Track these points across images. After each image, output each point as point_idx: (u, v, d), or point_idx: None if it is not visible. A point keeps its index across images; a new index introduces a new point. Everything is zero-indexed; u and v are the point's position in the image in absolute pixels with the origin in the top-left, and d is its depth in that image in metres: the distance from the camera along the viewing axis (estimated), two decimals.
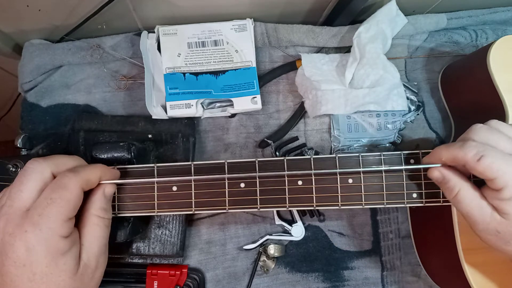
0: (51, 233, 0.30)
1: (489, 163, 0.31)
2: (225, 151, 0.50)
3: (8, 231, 0.30)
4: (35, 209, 0.31)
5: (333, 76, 0.49)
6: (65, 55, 0.50)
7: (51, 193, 0.31)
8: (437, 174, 0.35)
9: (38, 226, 0.30)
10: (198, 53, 0.48)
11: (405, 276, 0.50)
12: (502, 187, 0.31)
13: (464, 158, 0.32)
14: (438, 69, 0.52)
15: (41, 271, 0.30)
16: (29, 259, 0.30)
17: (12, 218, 0.30)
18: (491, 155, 0.31)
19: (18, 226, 0.30)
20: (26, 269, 0.30)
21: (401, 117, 0.49)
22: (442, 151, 0.35)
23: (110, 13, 0.46)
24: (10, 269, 0.30)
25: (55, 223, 0.30)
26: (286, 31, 0.51)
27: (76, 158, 0.36)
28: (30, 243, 0.30)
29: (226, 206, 0.38)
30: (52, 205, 0.31)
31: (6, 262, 0.30)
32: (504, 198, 0.31)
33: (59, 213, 0.31)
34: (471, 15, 0.53)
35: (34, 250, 0.30)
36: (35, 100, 0.50)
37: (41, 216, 0.30)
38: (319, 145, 0.50)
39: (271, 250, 0.47)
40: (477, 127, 0.34)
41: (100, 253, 0.35)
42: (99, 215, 0.35)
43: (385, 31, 0.47)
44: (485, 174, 0.31)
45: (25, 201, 0.31)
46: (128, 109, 0.50)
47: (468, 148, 0.32)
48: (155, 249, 0.45)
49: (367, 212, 0.50)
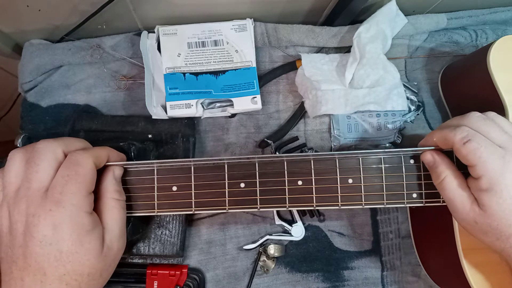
0: (75, 209, 0.31)
1: (473, 148, 0.32)
2: (225, 151, 0.50)
3: (31, 212, 0.30)
4: (55, 187, 0.31)
5: (333, 76, 0.49)
6: (65, 55, 0.50)
7: (66, 170, 0.31)
8: (429, 157, 0.36)
9: (61, 204, 0.30)
10: (198, 53, 0.48)
11: (405, 276, 0.50)
12: (481, 175, 0.32)
13: (452, 139, 0.33)
14: (438, 69, 0.52)
15: (68, 249, 0.30)
16: (55, 237, 0.30)
17: (32, 199, 0.30)
18: (477, 141, 0.32)
19: (40, 206, 0.30)
20: (53, 247, 0.30)
21: (401, 117, 0.49)
22: (435, 132, 0.36)
23: (110, 13, 0.46)
24: (35, 249, 0.30)
25: (77, 199, 0.31)
26: (286, 31, 0.51)
27: (83, 140, 0.37)
28: (57, 220, 0.30)
29: (226, 206, 0.38)
30: (70, 182, 0.31)
31: (30, 243, 0.30)
32: (482, 188, 0.32)
33: (78, 188, 0.31)
34: (471, 15, 0.53)
35: (60, 227, 0.30)
36: (35, 100, 0.50)
37: (62, 193, 0.30)
38: (319, 145, 0.50)
39: (271, 250, 0.47)
40: (473, 114, 0.35)
41: (120, 235, 0.35)
42: (115, 197, 0.35)
43: (385, 31, 0.47)
44: (467, 158, 0.32)
45: (43, 181, 0.31)
46: (128, 109, 0.50)
47: (459, 131, 0.33)
48: (155, 249, 0.45)
49: (367, 212, 0.50)
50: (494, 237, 0.32)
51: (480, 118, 0.34)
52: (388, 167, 0.38)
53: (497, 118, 0.34)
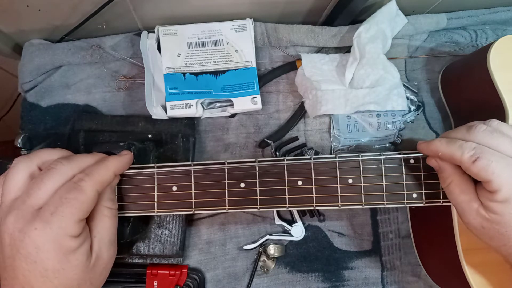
0: (62, 232, 0.30)
1: (484, 165, 0.31)
2: (225, 151, 0.50)
3: (18, 227, 0.30)
4: (48, 206, 0.30)
5: (333, 76, 0.49)
6: (65, 55, 0.50)
7: (66, 193, 0.31)
8: (434, 162, 0.36)
9: (48, 225, 0.30)
10: (198, 53, 0.48)
11: (405, 276, 0.50)
12: (496, 190, 0.31)
13: (460, 159, 0.32)
14: (438, 69, 0.52)
15: (53, 267, 0.30)
16: (39, 256, 0.30)
17: (23, 214, 0.30)
18: (487, 158, 0.31)
19: (28, 222, 0.30)
20: (38, 265, 0.30)
21: (401, 117, 0.49)
22: (441, 146, 0.34)
23: (110, 13, 0.46)
24: (21, 264, 0.30)
25: (67, 223, 0.30)
26: (286, 31, 0.51)
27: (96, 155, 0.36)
28: (39, 241, 0.30)
29: (226, 206, 0.38)
30: (66, 205, 0.30)
31: (17, 257, 0.30)
32: (497, 200, 0.31)
33: (72, 213, 0.31)
34: (471, 15, 0.53)
35: (43, 248, 0.30)
36: (35, 100, 0.50)
37: (53, 214, 0.30)
38: (319, 145, 0.50)
39: (271, 250, 0.47)
40: (479, 128, 0.33)
41: (110, 244, 0.35)
42: (108, 206, 0.35)
43: (385, 31, 0.47)
44: (480, 175, 0.31)
45: (40, 199, 0.31)
46: (128, 109, 0.50)
47: (466, 149, 0.32)
48: (155, 249, 0.45)
49: (367, 212, 0.50)
50: (500, 243, 0.32)
51: (486, 133, 0.33)
52: (388, 167, 0.38)
53: (502, 127, 0.33)
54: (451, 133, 0.36)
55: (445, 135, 0.36)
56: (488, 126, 0.33)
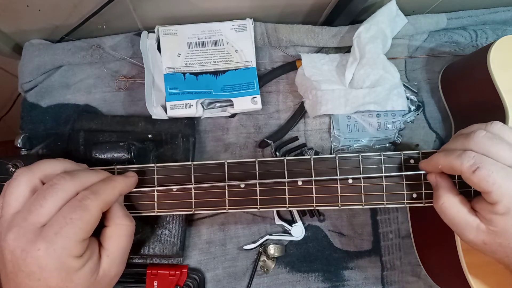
0: (66, 253, 0.29)
1: (484, 176, 0.30)
2: (225, 151, 0.50)
3: (19, 246, 0.29)
4: (52, 226, 0.29)
5: (333, 76, 0.49)
6: (65, 55, 0.50)
7: (71, 212, 0.30)
8: (432, 178, 0.36)
9: (52, 245, 0.29)
10: (198, 53, 0.48)
11: (405, 276, 0.50)
12: (497, 201, 0.30)
13: (460, 168, 0.31)
14: (438, 69, 0.52)
15: (57, 285, 0.29)
16: (43, 275, 0.29)
17: (24, 232, 0.29)
18: (487, 168, 0.30)
19: (31, 242, 0.29)
20: (41, 282, 0.29)
21: (401, 117, 0.49)
22: (440, 159, 0.34)
23: (110, 13, 0.46)
24: (24, 281, 0.29)
25: (70, 243, 0.30)
26: (286, 31, 0.51)
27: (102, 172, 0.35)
28: (43, 262, 0.29)
29: (226, 206, 0.38)
30: (70, 225, 0.29)
31: (20, 275, 0.29)
32: (497, 213, 0.31)
33: (76, 233, 0.30)
34: (471, 15, 0.53)
35: (46, 268, 0.29)
36: (35, 100, 0.50)
37: (57, 235, 0.29)
38: (319, 145, 0.50)
39: (271, 250, 0.47)
40: (478, 135, 0.32)
41: (121, 262, 0.34)
42: (125, 223, 0.34)
43: (385, 31, 0.47)
44: (480, 186, 0.31)
45: (42, 217, 0.30)
46: (128, 109, 0.50)
47: (466, 158, 0.31)
48: (155, 249, 0.45)
49: (367, 212, 0.50)
50: (503, 255, 0.32)
51: (485, 139, 0.32)
52: (388, 167, 0.38)
53: (503, 132, 0.32)
54: (449, 145, 0.35)
55: (443, 147, 0.36)
56: (487, 131, 0.32)
